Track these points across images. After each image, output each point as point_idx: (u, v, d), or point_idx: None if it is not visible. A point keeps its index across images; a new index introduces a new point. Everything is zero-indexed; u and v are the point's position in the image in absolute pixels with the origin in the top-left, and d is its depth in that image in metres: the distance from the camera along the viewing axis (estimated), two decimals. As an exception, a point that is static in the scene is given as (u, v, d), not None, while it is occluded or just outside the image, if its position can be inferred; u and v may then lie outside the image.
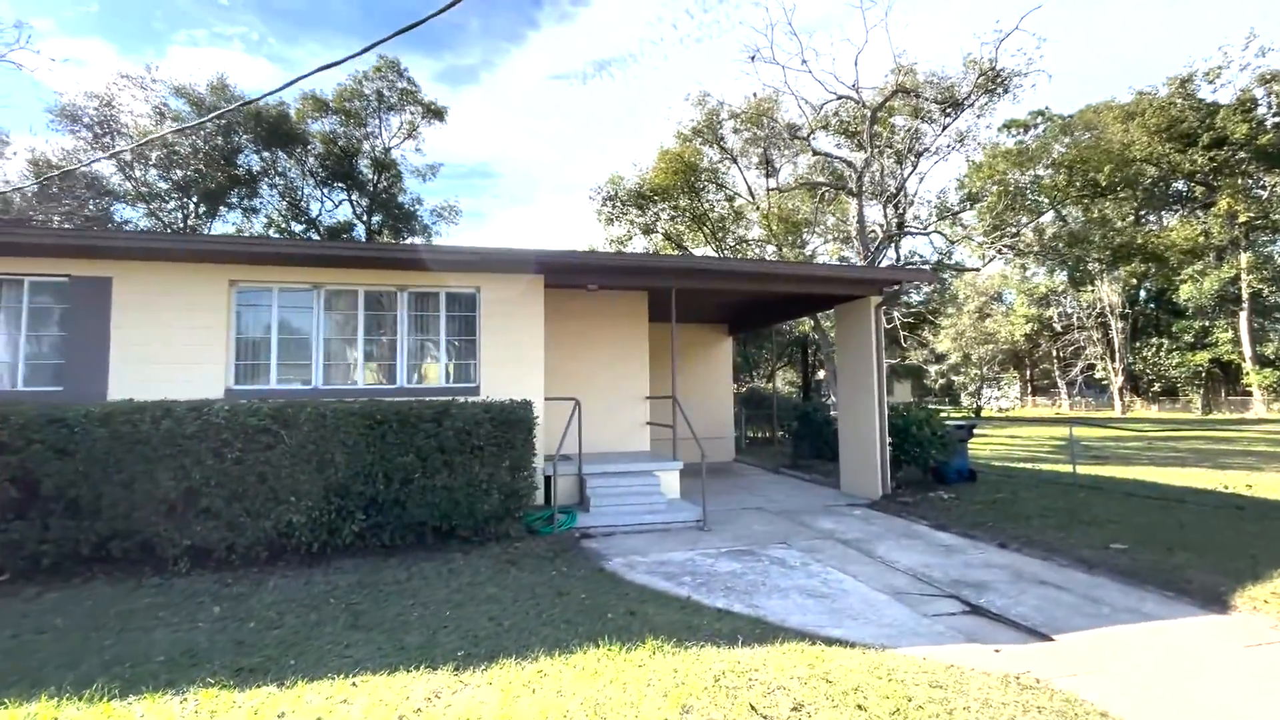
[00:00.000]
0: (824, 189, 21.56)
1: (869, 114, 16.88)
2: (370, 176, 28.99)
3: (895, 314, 32.61)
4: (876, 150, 17.58)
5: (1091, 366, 41.06)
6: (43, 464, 5.03)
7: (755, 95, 19.54)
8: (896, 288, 9.34)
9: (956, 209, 23.02)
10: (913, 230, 21.84)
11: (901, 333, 29.26)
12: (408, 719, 3.01)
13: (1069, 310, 40.78)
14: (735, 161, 23.93)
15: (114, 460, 5.18)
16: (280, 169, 28.37)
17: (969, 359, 37.76)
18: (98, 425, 5.19)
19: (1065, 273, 36.89)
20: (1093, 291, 37.94)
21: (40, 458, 5.01)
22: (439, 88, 44.23)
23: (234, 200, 27.86)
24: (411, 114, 28.41)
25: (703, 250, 25.00)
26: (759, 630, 4.17)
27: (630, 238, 24.71)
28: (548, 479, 8.28)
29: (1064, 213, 24.74)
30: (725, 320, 15.44)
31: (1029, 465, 12.93)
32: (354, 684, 3.32)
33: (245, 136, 26.64)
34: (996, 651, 3.98)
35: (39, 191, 24.18)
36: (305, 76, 15.09)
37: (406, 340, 8.07)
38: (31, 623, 4.22)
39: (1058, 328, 41.77)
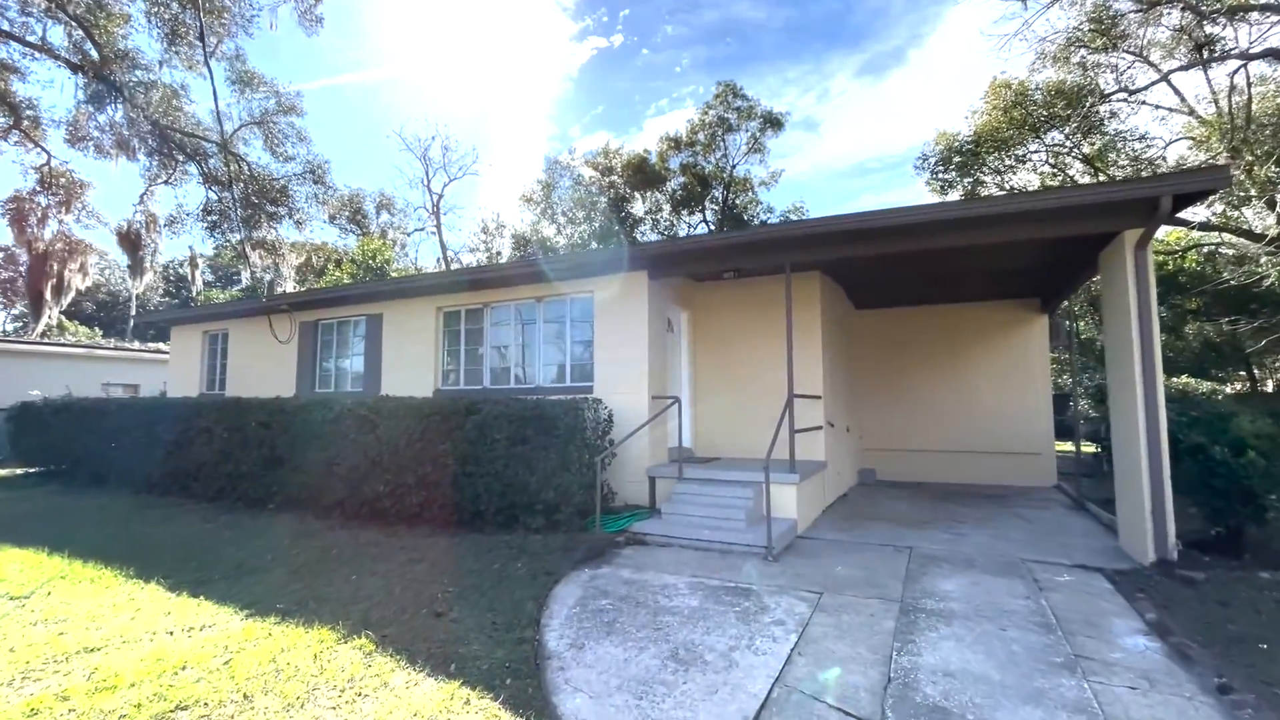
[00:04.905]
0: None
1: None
2: (721, 195, 31.54)
3: None
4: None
5: None
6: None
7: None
8: (1159, 210, 5.40)
9: None
10: None
11: None
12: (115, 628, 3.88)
13: None
14: (1155, 66, 16.80)
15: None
16: (656, 204, 33.66)
17: None
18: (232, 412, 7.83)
19: None
20: None
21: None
22: (860, 83, 43.47)
23: (622, 238, 34.36)
24: (751, 130, 29.76)
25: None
26: (464, 666, 3.48)
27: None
28: (653, 480, 7.98)
29: None
30: (1036, 293, 11.21)
31: None
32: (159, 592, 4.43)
33: (626, 187, 32.73)
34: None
35: (516, 255, 35.06)
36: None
37: (541, 345, 9.04)
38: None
39: None
